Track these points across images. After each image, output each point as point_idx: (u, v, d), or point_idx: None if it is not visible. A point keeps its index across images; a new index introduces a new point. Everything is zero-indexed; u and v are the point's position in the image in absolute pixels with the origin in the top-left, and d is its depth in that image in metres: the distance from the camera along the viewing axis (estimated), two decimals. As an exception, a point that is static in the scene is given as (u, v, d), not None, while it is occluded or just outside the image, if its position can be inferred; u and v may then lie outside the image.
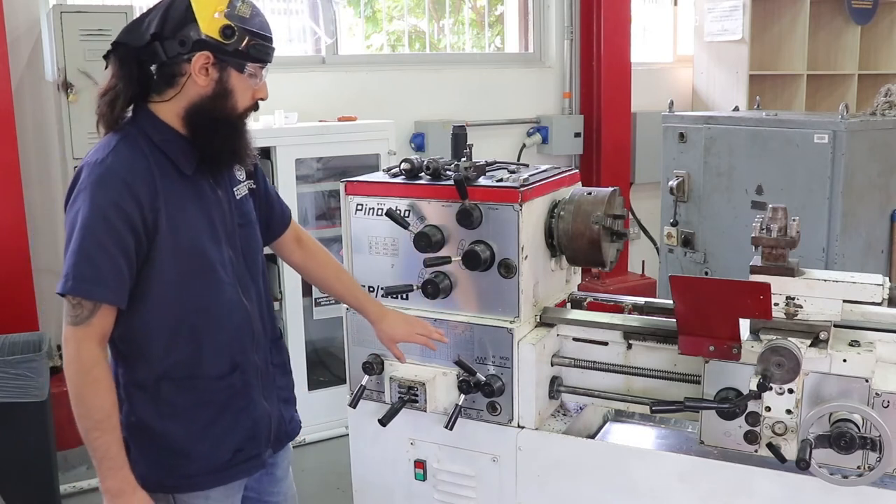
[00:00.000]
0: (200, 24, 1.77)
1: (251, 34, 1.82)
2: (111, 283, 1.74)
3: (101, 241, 1.72)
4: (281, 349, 2.14)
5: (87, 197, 1.74)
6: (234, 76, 1.83)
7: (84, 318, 1.74)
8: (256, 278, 2.01)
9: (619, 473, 2.24)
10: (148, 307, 1.81)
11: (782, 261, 2.03)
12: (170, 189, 1.80)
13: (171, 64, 1.79)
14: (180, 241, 1.81)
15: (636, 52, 6.05)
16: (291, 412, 2.16)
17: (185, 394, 1.88)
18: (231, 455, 1.94)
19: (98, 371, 1.77)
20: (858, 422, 1.90)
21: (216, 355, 1.89)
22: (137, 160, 1.78)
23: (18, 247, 3.96)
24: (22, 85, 4.16)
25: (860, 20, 6.32)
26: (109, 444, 1.79)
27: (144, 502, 1.83)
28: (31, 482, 3.37)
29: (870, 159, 3.74)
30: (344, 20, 5.33)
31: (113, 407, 1.80)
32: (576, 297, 2.66)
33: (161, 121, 1.83)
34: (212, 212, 1.89)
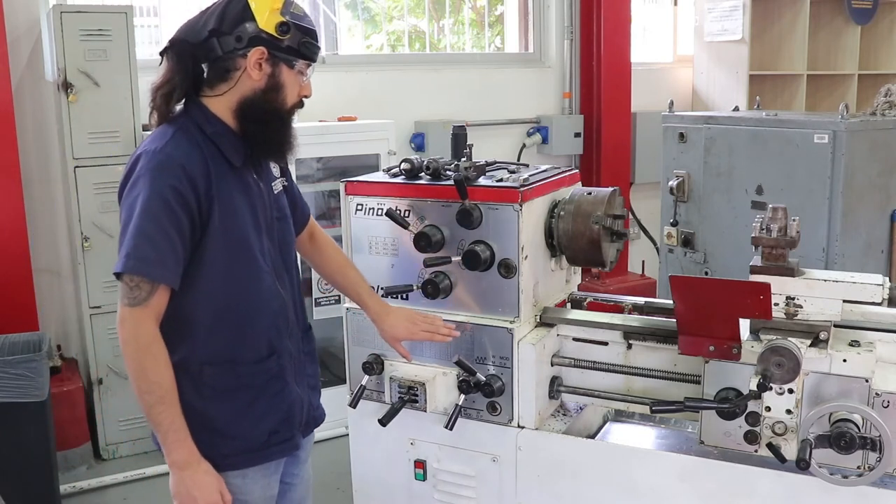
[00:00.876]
0: (258, 19, 1.87)
1: (303, 31, 1.93)
2: (169, 264, 1.81)
3: (161, 223, 1.79)
4: (310, 339, 2.22)
5: (146, 182, 1.81)
6: (285, 71, 1.93)
7: (142, 299, 1.79)
8: (290, 270, 2.10)
9: (619, 473, 2.24)
10: (196, 291, 1.88)
11: (782, 261, 2.03)
12: (221, 179, 1.89)
13: (225, 59, 1.89)
14: (229, 229, 1.89)
15: (636, 52, 6.05)
16: (318, 400, 2.25)
17: (225, 377, 1.95)
18: (267, 436, 2.01)
19: (157, 347, 1.83)
20: (858, 422, 1.90)
21: (256, 340, 1.97)
22: (193, 149, 1.87)
23: (18, 247, 3.96)
24: (22, 85, 4.16)
25: (860, 20, 6.32)
26: (174, 417, 1.85)
27: (209, 472, 1.90)
28: (31, 482, 3.37)
29: (870, 159, 3.74)
30: (344, 20, 5.33)
31: (173, 381, 1.85)
32: (576, 297, 2.66)
33: (213, 114, 1.93)
34: (255, 203, 1.98)
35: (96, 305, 4.06)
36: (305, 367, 2.16)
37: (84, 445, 4.09)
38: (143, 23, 4.62)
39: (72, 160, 3.92)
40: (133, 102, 3.99)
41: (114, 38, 3.92)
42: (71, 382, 4.03)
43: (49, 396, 3.39)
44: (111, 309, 4.05)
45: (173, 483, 1.89)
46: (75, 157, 3.93)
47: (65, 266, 4.37)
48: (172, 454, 1.87)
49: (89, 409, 4.14)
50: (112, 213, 4.01)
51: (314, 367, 2.24)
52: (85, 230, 3.98)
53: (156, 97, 1.92)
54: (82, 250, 3.99)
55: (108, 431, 4.17)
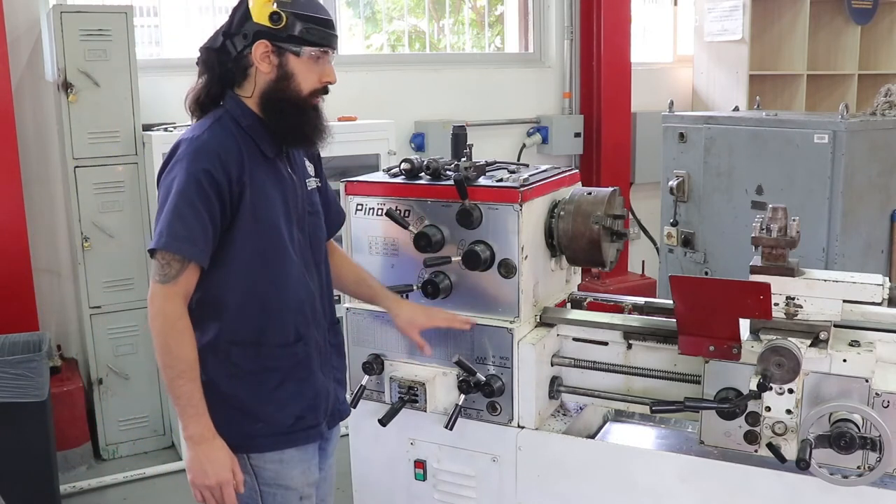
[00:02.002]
0: (253, 13, 1.94)
1: (301, 18, 1.96)
2: (200, 243, 1.88)
3: (194, 203, 1.87)
4: (337, 332, 2.25)
5: (183, 166, 1.90)
6: (292, 60, 1.98)
7: (172, 276, 1.87)
8: (319, 264, 2.15)
9: (619, 473, 2.24)
10: (225, 273, 1.96)
11: (782, 261, 2.03)
12: (255, 168, 1.97)
13: (241, 58, 1.99)
14: (260, 216, 1.96)
15: (636, 52, 6.05)
16: (343, 393, 2.27)
17: (252, 358, 2.00)
18: (293, 421, 2.05)
19: (182, 323, 1.89)
20: (858, 422, 1.90)
21: (282, 324, 2.02)
22: (229, 139, 1.96)
23: (18, 247, 3.96)
24: (22, 85, 4.16)
25: (860, 20, 6.32)
26: (192, 392, 1.90)
27: (223, 449, 1.94)
28: (31, 482, 3.37)
29: (870, 159, 3.74)
30: (344, 20, 5.33)
31: (195, 358, 1.91)
32: (576, 297, 2.66)
33: (247, 107, 2.02)
34: (287, 194, 2.04)
35: (96, 305, 4.06)
36: (332, 359, 2.19)
37: (84, 445, 4.09)
38: (143, 23, 4.62)
39: (72, 160, 3.92)
40: (133, 102, 3.99)
41: (114, 38, 3.92)
42: (71, 382, 4.03)
43: (49, 396, 3.39)
44: (111, 309, 4.08)
45: (188, 458, 1.94)
46: (75, 157, 3.93)
47: (65, 266, 4.37)
48: (189, 428, 1.92)
49: (89, 409, 4.14)
50: (112, 213, 4.02)
51: (340, 361, 2.27)
52: (85, 230, 3.98)
53: (189, 103, 2.05)
54: (82, 250, 3.99)
55: (108, 431, 4.17)
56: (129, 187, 4.03)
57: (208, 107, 2.04)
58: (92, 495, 3.86)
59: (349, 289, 2.42)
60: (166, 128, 4.06)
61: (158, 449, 4.26)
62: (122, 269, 4.08)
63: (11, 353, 3.47)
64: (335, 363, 2.22)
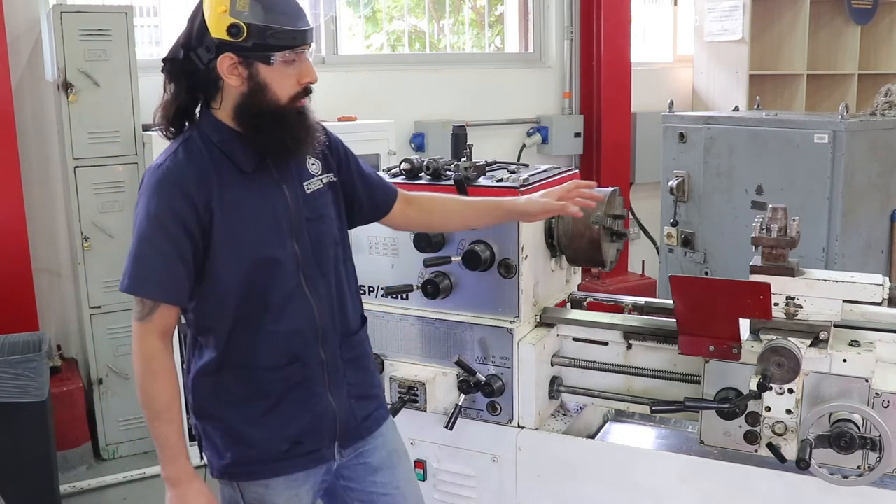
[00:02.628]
0: (210, 28, 1.79)
1: (263, 23, 1.79)
2: (165, 283, 1.81)
3: (155, 243, 1.80)
4: (354, 345, 2.07)
5: (144, 201, 1.83)
6: (263, 70, 1.82)
7: (145, 314, 1.82)
8: (326, 272, 1.99)
9: (619, 473, 2.24)
10: (209, 300, 1.88)
11: (782, 261, 2.03)
12: (228, 187, 1.85)
13: (208, 70, 1.83)
14: (238, 236, 1.85)
15: (636, 52, 6.05)
16: (368, 409, 2.08)
17: (242, 383, 1.92)
18: (289, 446, 1.94)
19: (157, 364, 1.83)
20: (858, 422, 1.90)
21: (272, 347, 1.91)
22: (194, 162, 1.84)
23: (18, 247, 3.95)
24: (22, 85, 4.15)
25: (860, 20, 6.32)
26: (168, 434, 1.86)
27: (200, 492, 1.89)
28: (31, 482, 3.36)
29: (870, 159, 3.74)
30: (344, 20, 5.33)
31: (172, 399, 1.85)
32: (576, 297, 2.66)
33: (220, 122, 1.88)
34: (275, 207, 1.90)
35: (96, 305, 4.06)
36: (345, 374, 2.02)
37: (84, 445, 4.09)
38: (143, 23, 4.62)
39: (72, 160, 3.92)
40: (133, 102, 3.99)
41: (114, 38, 3.91)
42: (71, 382, 4.02)
43: (49, 396, 3.39)
44: (111, 309, 4.08)
45: (167, 498, 1.90)
46: (75, 157, 3.92)
47: (65, 266, 4.37)
48: (165, 469, 1.89)
49: (89, 409, 4.14)
50: (112, 213, 4.01)
51: (359, 374, 2.07)
52: (85, 230, 3.98)
53: (157, 119, 1.92)
54: (82, 250, 3.99)
55: (108, 431, 4.16)
56: (129, 187, 4.03)
57: (178, 122, 1.91)
58: (92, 495, 3.86)
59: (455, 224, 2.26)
60: (166, 128, 4.06)
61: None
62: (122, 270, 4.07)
63: (11, 353, 3.47)
64: (352, 379, 2.04)
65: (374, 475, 2.09)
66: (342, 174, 2.08)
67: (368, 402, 2.08)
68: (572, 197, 2.16)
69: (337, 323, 2.01)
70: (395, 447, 2.14)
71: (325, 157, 2.04)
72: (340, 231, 2.05)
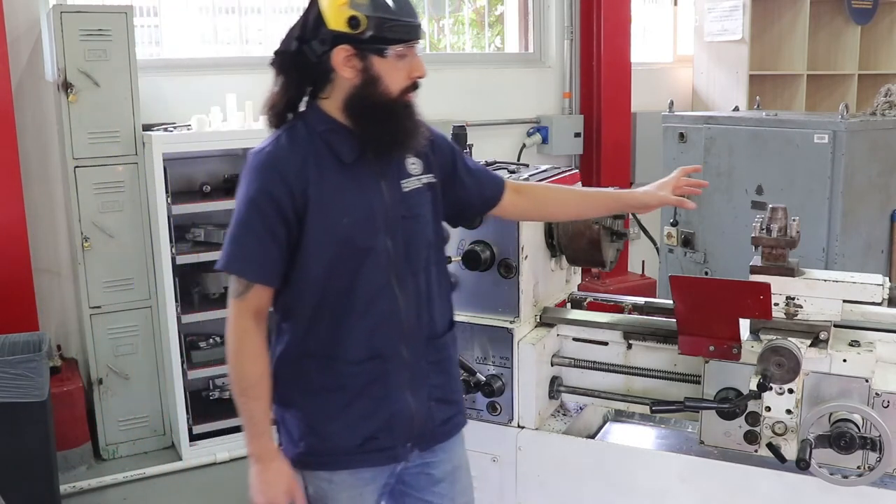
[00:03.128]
0: (328, 19, 1.82)
1: (381, 16, 1.82)
2: (258, 263, 1.85)
3: (252, 224, 1.85)
4: (439, 347, 2.05)
5: (245, 183, 1.89)
6: (377, 62, 1.85)
7: (240, 292, 1.86)
8: (417, 272, 1.98)
9: (619, 473, 2.24)
10: (295, 287, 1.90)
11: (782, 261, 2.04)
12: (326, 177, 1.88)
13: (320, 62, 1.86)
14: (330, 226, 1.87)
15: (636, 52, 6.04)
16: (448, 413, 2.07)
17: (322, 374, 1.93)
18: (362, 441, 1.94)
19: (248, 341, 1.87)
20: (858, 422, 1.90)
21: (355, 340, 1.92)
22: (296, 149, 1.88)
23: (18, 247, 3.95)
24: (22, 85, 4.15)
25: (860, 20, 6.32)
26: (254, 411, 1.89)
27: (280, 471, 1.91)
28: (31, 482, 3.36)
29: (870, 159, 3.74)
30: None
31: (260, 376, 1.89)
32: (576, 297, 2.66)
33: (326, 113, 1.91)
34: (371, 200, 1.91)
35: (96, 305, 4.06)
36: (428, 376, 2.01)
37: (84, 445, 4.08)
38: (143, 23, 4.62)
39: (72, 160, 3.92)
40: (133, 102, 3.99)
41: (114, 38, 3.91)
42: (71, 382, 4.02)
43: (49, 396, 3.39)
44: (111, 309, 4.08)
45: (250, 472, 1.94)
46: (75, 157, 3.92)
47: (65, 266, 4.37)
48: (250, 445, 1.92)
49: (89, 409, 4.14)
50: (112, 213, 4.01)
51: (443, 378, 2.05)
52: (85, 230, 3.98)
53: (264, 111, 1.95)
54: (82, 250, 3.99)
55: (108, 431, 4.16)
56: (129, 187, 4.03)
57: (284, 114, 1.94)
58: (92, 495, 3.86)
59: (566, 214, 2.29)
60: (166, 128, 4.06)
61: (158, 449, 4.25)
62: (122, 269, 4.08)
63: (11, 353, 3.47)
64: (434, 381, 2.02)
65: (435, 486, 2.10)
66: (449, 173, 2.09)
67: (449, 407, 2.07)
68: (681, 187, 2.20)
69: (423, 324, 1.99)
70: (459, 463, 2.15)
71: (427, 157, 2.04)
72: (435, 233, 2.04)
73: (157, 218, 3.93)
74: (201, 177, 4.28)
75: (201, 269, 4.23)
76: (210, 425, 4.17)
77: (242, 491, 4.09)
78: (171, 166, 3.95)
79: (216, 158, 4.38)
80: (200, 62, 4.65)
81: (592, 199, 2.27)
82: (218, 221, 4.26)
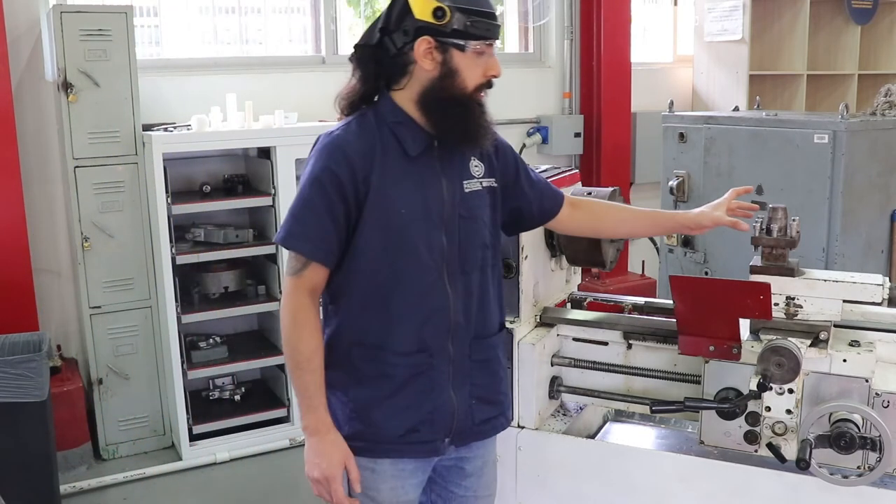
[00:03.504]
0: (414, 9, 1.87)
1: (465, 12, 1.88)
2: (316, 242, 1.89)
3: (313, 203, 1.89)
4: (486, 348, 2.07)
5: (311, 163, 1.93)
6: (457, 56, 1.90)
7: (297, 269, 1.91)
8: (469, 272, 2.01)
9: (619, 473, 2.24)
10: (349, 271, 1.94)
11: (782, 261, 2.04)
12: (390, 167, 1.92)
13: (400, 54, 1.92)
14: (387, 216, 1.91)
15: (636, 52, 6.04)
16: (489, 413, 2.09)
17: (369, 362, 1.96)
18: (404, 432, 1.97)
19: (303, 316, 1.90)
20: (858, 422, 1.90)
21: (404, 331, 1.95)
22: (363, 137, 1.93)
23: (18, 247, 3.95)
24: (22, 85, 4.15)
25: (860, 20, 6.32)
26: (308, 384, 1.92)
27: (335, 444, 1.94)
28: (31, 482, 3.37)
29: (870, 159, 3.74)
30: (344, 20, 5.33)
31: (314, 350, 1.92)
32: (576, 297, 2.66)
33: (397, 105, 1.96)
34: (430, 196, 1.95)
35: (96, 305, 4.06)
36: (471, 374, 2.03)
37: (84, 445, 4.08)
38: (143, 23, 4.62)
39: (72, 160, 3.92)
40: (133, 102, 3.99)
41: (114, 38, 3.91)
42: (71, 382, 4.02)
43: (49, 396, 3.39)
44: (111, 309, 4.08)
45: (305, 447, 1.96)
46: (75, 157, 3.92)
47: (65, 266, 4.37)
48: (304, 419, 1.95)
49: (89, 409, 4.14)
50: (112, 213, 4.02)
51: (487, 377, 2.07)
52: (85, 230, 3.98)
53: (340, 101, 2.00)
54: (82, 250, 3.99)
55: (108, 431, 4.17)
56: (129, 187, 4.03)
57: (359, 105, 1.99)
58: (92, 495, 3.86)
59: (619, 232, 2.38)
60: (166, 128, 4.06)
61: (158, 449, 4.26)
62: (122, 269, 4.08)
63: (11, 353, 3.47)
64: (477, 380, 2.04)
65: (464, 480, 2.14)
66: (511, 180, 2.13)
67: (491, 407, 2.09)
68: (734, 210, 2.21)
69: (472, 323, 2.02)
70: (490, 458, 2.19)
71: (491, 162, 2.09)
72: (492, 236, 2.07)
73: (157, 218, 3.93)
74: (201, 177, 4.29)
75: (201, 269, 4.23)
76: (210, 425, 4.18)
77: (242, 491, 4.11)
78: (171, 166, 3.96)
79: (216, 158, 4.38)
80: (200, 62, 4.66)
81: (647, 218, 2.32)
82: (218, 221, 4.26)
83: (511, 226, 2.19)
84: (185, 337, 4.16)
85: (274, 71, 4.80)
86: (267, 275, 4.35)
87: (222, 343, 4.30)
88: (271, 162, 4.08)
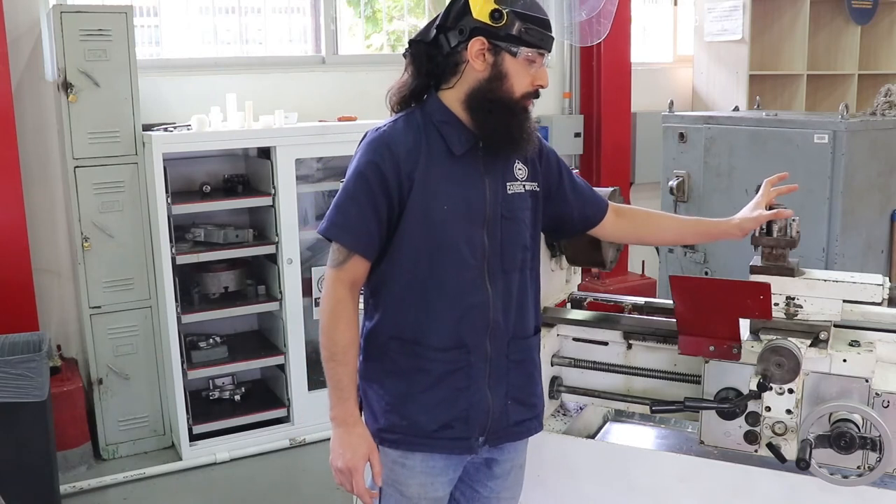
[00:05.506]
0: (473, 9, 1.90)
1: (521, 17, 1.90)
2: (358, 234, 1.92)
3: (356, 195, 1.92)
4: (523, 349, 2.08)
5: (357, 157, 1.97)
6: (508, 60, 1.92)
7: (339, 261, 1.93)
8: (510, 272, 2.02)
9: (619, 473, 2.24)
10: (389, 265, 1.96)
11: (782, 261, 2.04)
12: (434, 165, 1.94)
13: (453, 53, 1.94)
14: (428, 213, 1.93)
15: (636, 52, 6.04)
16: (524, 415, 2.10)
17: (407, 356, 1.98)
18: (437, 427, 1.98)
19: (341, 308, 1.92)
20: (858, 422, 1.90)
21: (441, 328, 1.96)
22: (409, 134, 1.96)
23: (18, 247, 3.95)
24: (22, 85, 4.15)
25: (860, 20, 6.32)
26: (342, 376, 1.94)
27: (362, 436, 1.96)
28: (31, 482, 3.37)
29: (870, 159, 3.74)
30: (344, 20, 5.33)
31: (350, 343, 1.94)
32: (576, 297, 2.66)
33: (444, 104, 1.98)
34: (472, 195, 1.97)
35: (96, 305, 4.06)
36: (508, 374, 2.04)
37: (84, 445, 4.08)
38: (143, 23, 4.62)
39: (72, 160, 3.92)
40: (133, 102, 3.99)
41: (114, 38, 3.91)
42: (71, 382, 4.02)
43: (49, 396, 3.39)
44: (111, 309, 4.08)
45: (332, 436, 1.97)
46: (75, 157, 3.92)
47: (65, 266, 4.37)
48: (333, 409, 1.95)
49: (89, 409, 4.14)
50: (112, 213, 4.01)
51: (523, 379, 2.08)
52: (85, 230, 3.98)
53: (391, 97, 2.04)
54: (82, 250, 3.99)
55: (108, 431, 4.17)
56: (129, 187, 4.03)
57: (408, 101, 2.02)
58: (92, 495, 3.86)
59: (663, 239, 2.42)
60: (166, 128, 4.06)
61: (158, 449, 4.26)
62: (122, 269, 4.08)
63: (11, 353, 3.47)
64: (514, 380, 2.05)
65: (490, 480, 2.15)
66: (554, 186, 2.14)
67: (526, 409, 2.10)
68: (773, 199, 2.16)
69: (510, 323, 2.03)
70: (519, 462, 2.19)
71: (534, 165, 2.09)
72: (532, 239, 2.08)
73: (157, 218, 3.93)
74: (201, 177, 4.29)
75: (201, 269, 4.23)
76: (210, 425, 4.18)
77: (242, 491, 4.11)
78: (171, 166, 3.96)
79: (216, 158, 4.38)
80: (200, 62, 4.66)
81: (690, 226, 2.34)
82: (218, 221, 4.26)
83: (553, 231, 2.22)
84: (185, 337, 4.16)
85: (274, 71, 4.80)
86: (267, 275, 4.35)
87: (222, 343, 4.30)
88: (271, 162, 4.08)
